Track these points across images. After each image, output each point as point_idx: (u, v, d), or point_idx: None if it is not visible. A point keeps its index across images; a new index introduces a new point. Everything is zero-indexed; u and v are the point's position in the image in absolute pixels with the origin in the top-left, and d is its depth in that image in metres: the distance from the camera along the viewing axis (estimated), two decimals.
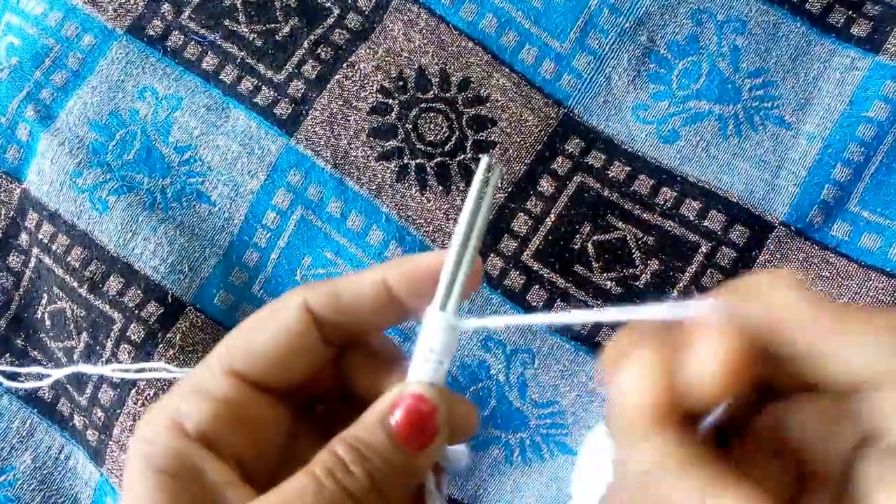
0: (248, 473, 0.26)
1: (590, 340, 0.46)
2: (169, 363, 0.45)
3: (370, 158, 0.47)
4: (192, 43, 0.48)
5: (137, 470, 0.25)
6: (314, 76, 0.48)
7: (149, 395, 0.45)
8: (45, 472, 0.48)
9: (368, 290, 0.26)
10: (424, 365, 0.25)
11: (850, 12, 0.49)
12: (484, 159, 0.25)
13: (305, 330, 0.26)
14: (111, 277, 0.46)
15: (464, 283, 0.25)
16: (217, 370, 0.26)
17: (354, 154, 0.47)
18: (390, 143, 0.47)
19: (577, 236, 0.46)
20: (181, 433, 0.25)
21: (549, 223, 0.47)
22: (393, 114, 0.47)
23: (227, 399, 0.25)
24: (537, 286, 0.46)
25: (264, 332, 0.26)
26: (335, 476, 0.23)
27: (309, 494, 0.23)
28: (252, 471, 0.26)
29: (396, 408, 0.24)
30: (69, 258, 0.47)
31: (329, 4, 0.49)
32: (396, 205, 0.47)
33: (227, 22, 0.48)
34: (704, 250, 0.46)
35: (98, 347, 0.46)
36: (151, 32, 0.48)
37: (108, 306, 0.46)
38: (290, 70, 0.48)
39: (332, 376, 0.28)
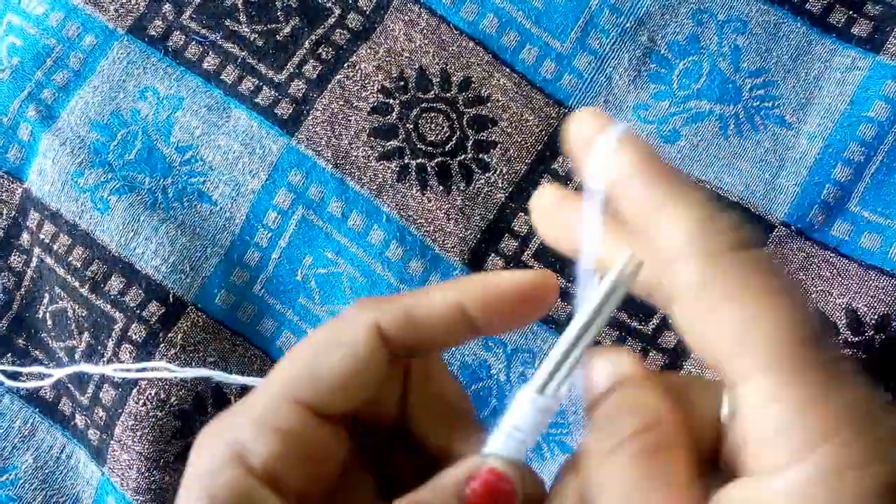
0: None
1: None
2: (170, 363, 0.45)
3: (371, 158, 0.47)
4: (194, 43, 0.48)
5: None
6: (315, 76, 0.48)
7: (150, 394, 0.45)
8: (46, 471, 0.48)
9: (442, 311, 0.25)
10: (507, 440, 0.24)
11: (850, 12, 0.49)
12: (631, 258, 0.24)
13: (376, 352, 0.24)
14: (112, 277, 0.46)
15: (572, 372, 0.24)
16: (280, 399, 0.24)
17: (355, 154, 0.47)
18: (391, 142, 0.47)
19: None
20: (246, 469, 0.23)
21: None
22: (394, 114, 0.47)
23: (294, 432, 0.23)
24: None
25: (332, 357, 0.24)
26: None
27: None
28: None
29: (474, 480, 0.23)
30: (70, 258, 0.47)
31: (330, 4, 0.49)
32: (397, 205, 0.47)
33: (228, 22, 0.49)
34: None
35: (99, 347, 0.46)
36: (153, 32, 0.49)
37: (109, 306, 0.46)
38: (291, 70, 0.48)
39: (391, 396, 0.26)
